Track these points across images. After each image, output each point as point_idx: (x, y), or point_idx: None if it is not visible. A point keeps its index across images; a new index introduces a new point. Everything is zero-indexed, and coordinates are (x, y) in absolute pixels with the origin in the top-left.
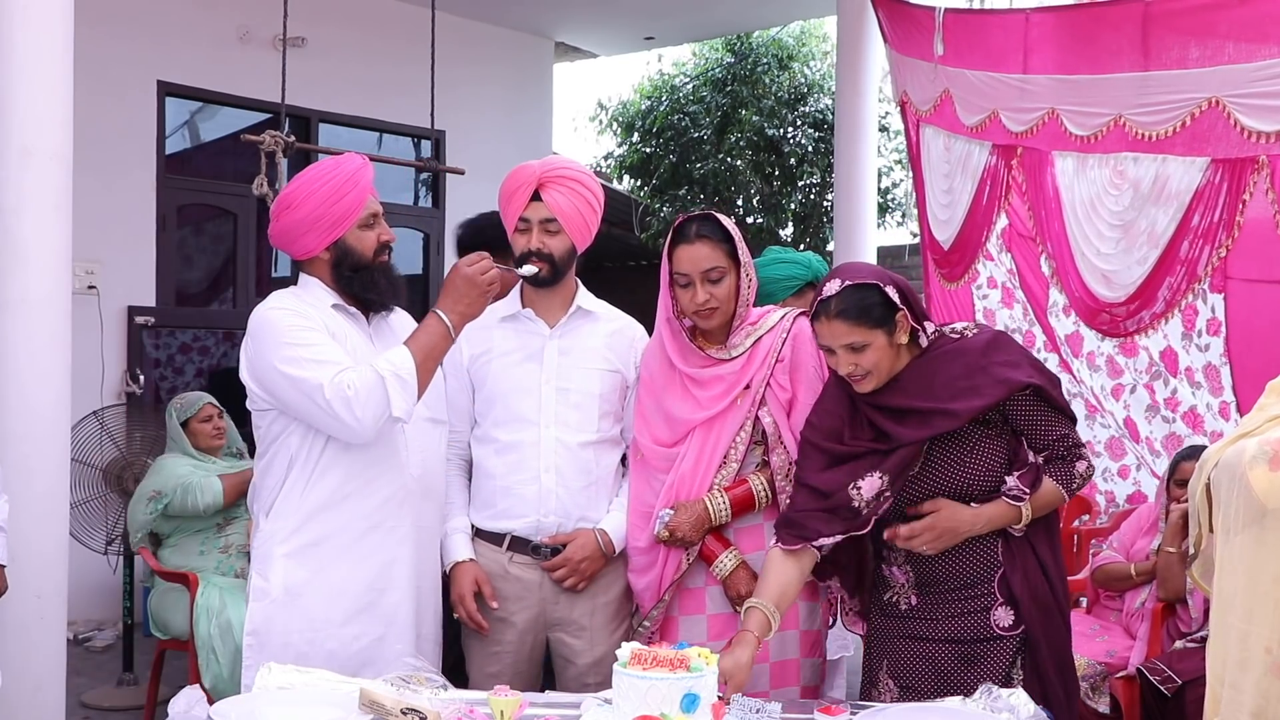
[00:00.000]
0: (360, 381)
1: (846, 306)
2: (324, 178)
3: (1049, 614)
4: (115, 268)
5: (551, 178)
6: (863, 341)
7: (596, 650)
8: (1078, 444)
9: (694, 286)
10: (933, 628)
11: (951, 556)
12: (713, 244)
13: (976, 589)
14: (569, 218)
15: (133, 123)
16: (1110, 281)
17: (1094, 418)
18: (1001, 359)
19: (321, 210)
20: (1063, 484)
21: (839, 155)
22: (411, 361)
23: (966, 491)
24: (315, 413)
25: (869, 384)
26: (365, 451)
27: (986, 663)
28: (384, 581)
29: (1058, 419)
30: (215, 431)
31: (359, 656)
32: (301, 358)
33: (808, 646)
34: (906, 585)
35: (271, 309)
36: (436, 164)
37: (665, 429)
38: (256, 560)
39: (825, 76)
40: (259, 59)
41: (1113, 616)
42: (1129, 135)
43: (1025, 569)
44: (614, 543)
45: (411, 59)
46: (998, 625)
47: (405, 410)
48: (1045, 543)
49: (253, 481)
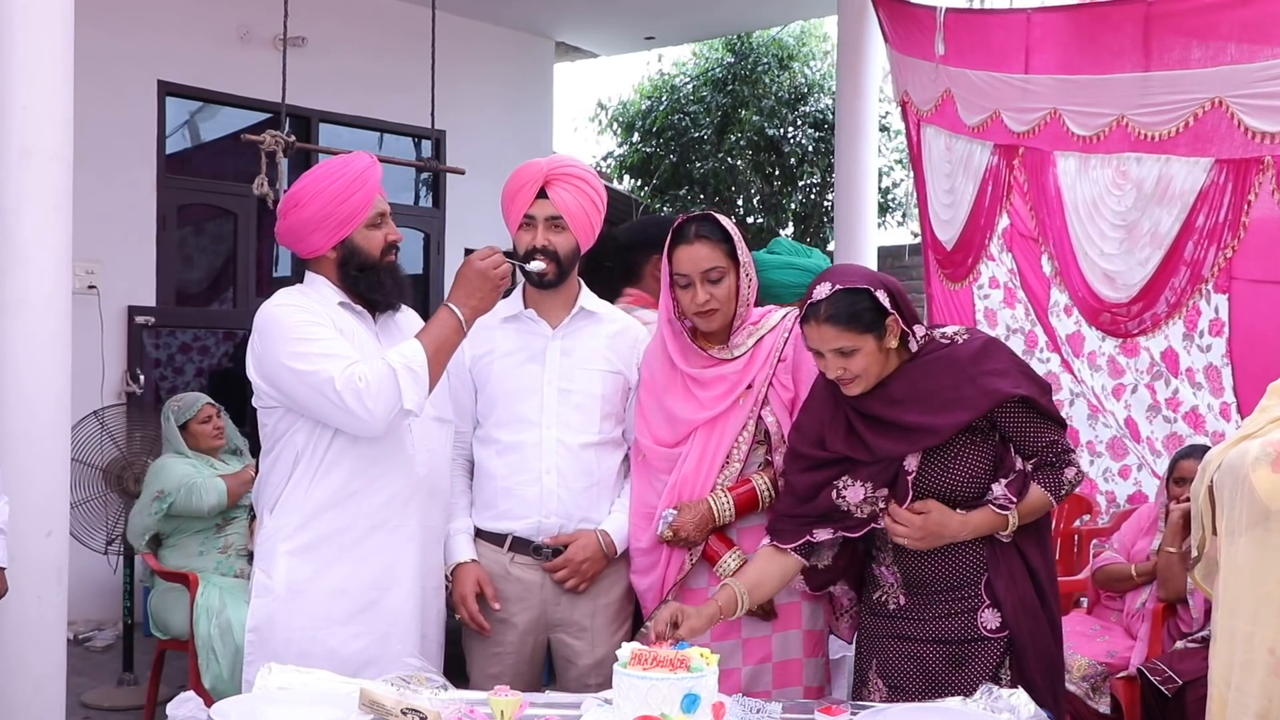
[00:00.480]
0: (371, 374)
1: (836, 311)
2: (332, 176)
3: (1035, 619)
4: (115, 267)
5: (558, 175)
6: (852, 346)
7: (598, 651)
8: (1067, 450)
9: (694, 287)
10: (920, 628)
11: (938, 558)
12: (712, 244)
13: (963, 590)
14: (574, 216)
15: (133, 122)
16: (1113, 282)
17: (1096, 417)
18: (990, 368)
19: (329, 209)
20: (1051, 490)
21: (839, 155)
22: (423, 354)
23: (952, 498)
24: (325, 407)
25: (857, 387)
26: (371, 449)
27: (974, 663)
28: (388, 580)
29: (1046, 426)
30: (215, 432)
31: (361, 655)
32: (310, 353)
33: (811, 646)
34: (895, 585)
35: (278, 305)
36: (437, 164)
37: (667, 429)
38: (260, 557)
39: (826, 76)
40: (259, 58)
41: (1113, 617)
42: (1131, 135)
43: (1011, 573)
44: (615, 544)
45: (412, 58)
46: (984, 627)
47: (417, 403)
48: (1034, 546)
49: (257, 478)
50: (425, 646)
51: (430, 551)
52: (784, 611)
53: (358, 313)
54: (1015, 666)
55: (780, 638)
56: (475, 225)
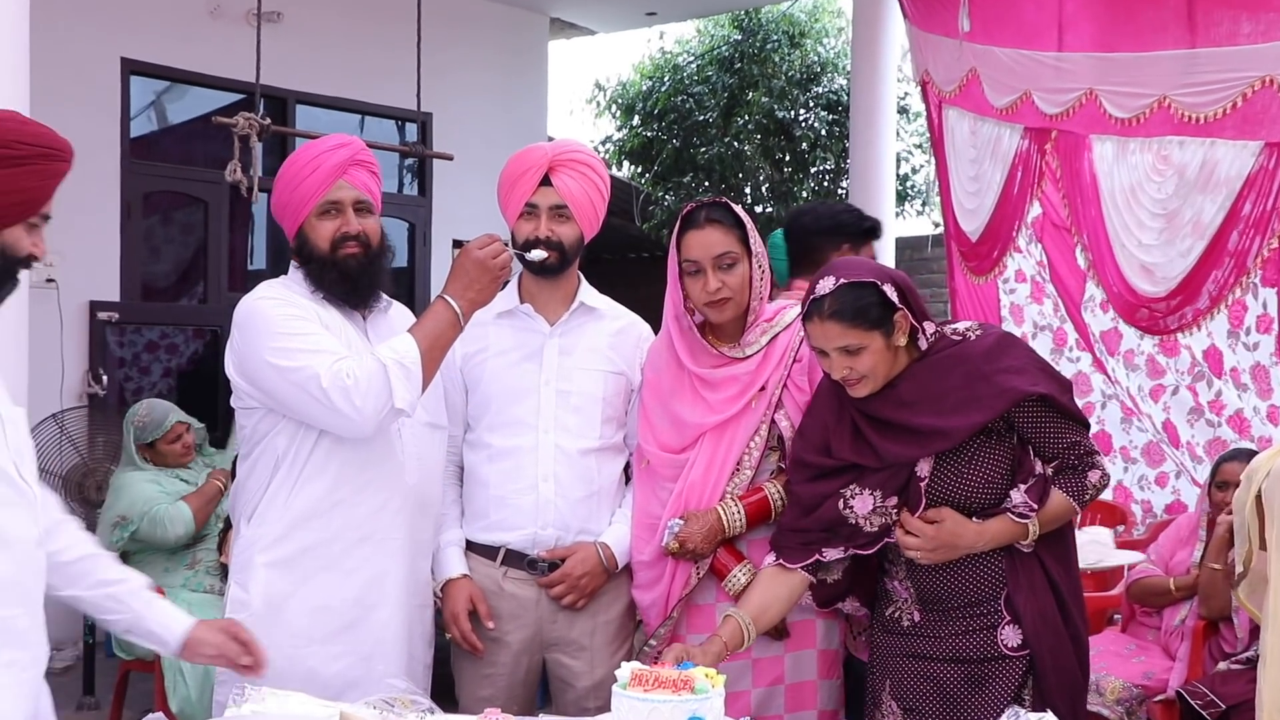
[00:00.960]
0: (360, 370)
1: (841, 306)
2: (294, 160)
3: (1057, 635)
4: (76, 260)
5: (564, 161)
6: (858, 344)
7: (597, 672)
8: (1090, 451)
9: (705, 274)
10: (936, 646)
11: (953, 572)
12: (725, 229)
13: (981, 606)
14: (580, 204)
15: (95, 104)
16: (1151, 275)
17: (1130, 421)
18: (1005, 365)
19: (285, 195)
20: (1074, 496)
21: (854, 139)
22: (416, 349)
23: (966, 505)
24: (311, 406)
25: (864, 388)
26: (358, 455)
27: (994, 684)
28: (374, 597)
29: (1068, 426)
30: (183, 450)
31: (342, 677)
32: (294, 348)
33: (826, 667)
34: (909, 600)
35: (260, 299)
36: (423, 149)
37: (673, 434)
38: (235, 569)
39: (840, 55)
40: (231, 35)
41: (1150, 635)
42: (1174, 117)
43: (1032, 585)
44: (616, 557)
45: (396, 36)
46: (1005, 645)
47: (409, 402)
48: (1056, 558)
49: (234, 484)
50: (412, 667)
51: (419, 565)
52: (797, 630)
53: (343, 308)
54: (1036, 687)
55: (793, 658)
56: (464, 215)
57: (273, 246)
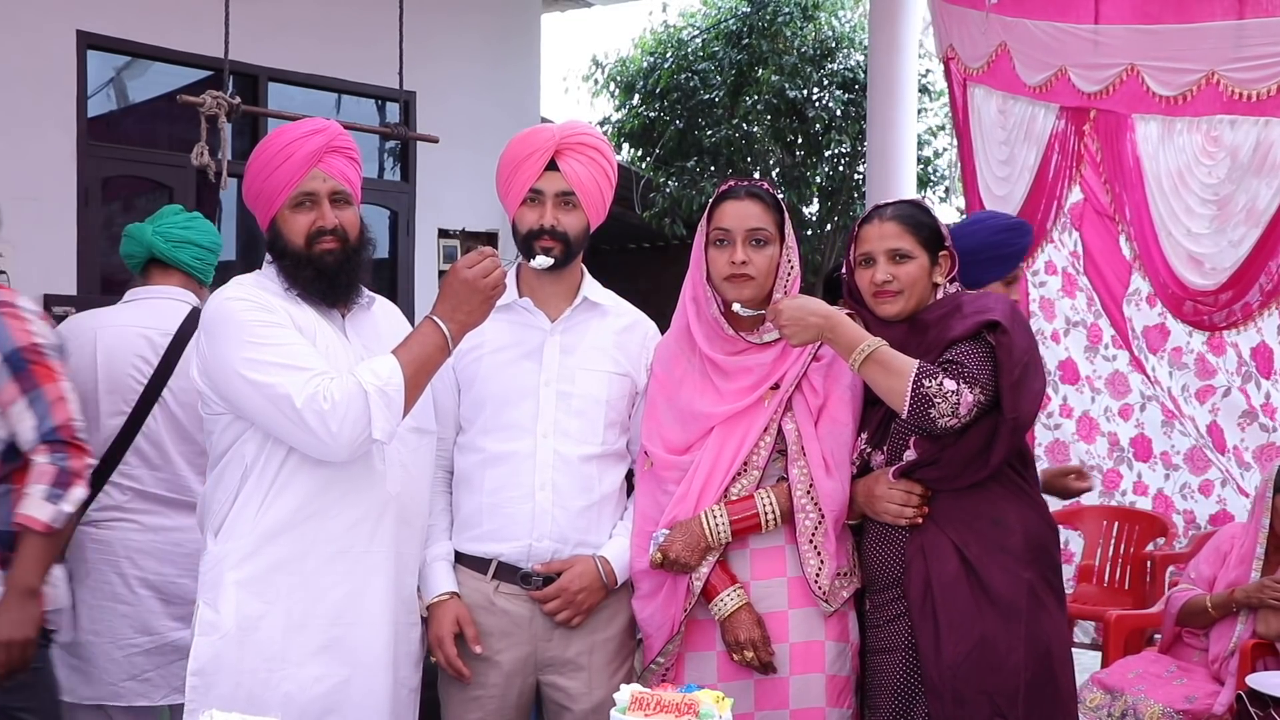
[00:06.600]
0: (340, 393)
1: (905, 213)
2: (265, 147)
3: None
4: (29, 249)
5: (572, 144)
6: (908, 251)
7: (595, 694)
8: (962, 376)
9: (733, 245)
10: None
11: (874, 538)
12: (764, 206)
13: (893, 590)
14: (588, 191)
15: (48, 80)
16: (1200, 266)
17: (1171, 424)
18: (974, 308)
19: (256, 185)
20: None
21: (872, 120)
22: (400, 376)
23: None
24: (282, 424)
25: (895, 305)
26: (334, 463)
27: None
28: (353, 615)
29: (977, 361)
30: None
31: (321, 701)
32: (268, 361)
33: (835, 694)
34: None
35: (230, 299)
36: (405, 130)
37: (679, 430)
38: (204, 588)
39: (856, 29)
40: (198, 7)
41: (1195, 656)
42: (1224, 95)
43: (936, 553)
44: (616, 572)
45: (376, 7)
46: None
47: (387, 432)
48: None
49: (201, 495)
50: (397, 691)
51: (404, 581)
52: (804, 652)
53: (320, 306)
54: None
55: (799, 681)
56: (450, 202)
57: (243, 236)
